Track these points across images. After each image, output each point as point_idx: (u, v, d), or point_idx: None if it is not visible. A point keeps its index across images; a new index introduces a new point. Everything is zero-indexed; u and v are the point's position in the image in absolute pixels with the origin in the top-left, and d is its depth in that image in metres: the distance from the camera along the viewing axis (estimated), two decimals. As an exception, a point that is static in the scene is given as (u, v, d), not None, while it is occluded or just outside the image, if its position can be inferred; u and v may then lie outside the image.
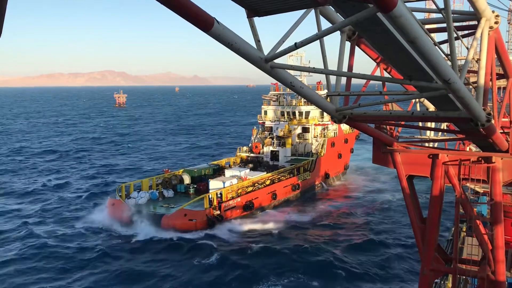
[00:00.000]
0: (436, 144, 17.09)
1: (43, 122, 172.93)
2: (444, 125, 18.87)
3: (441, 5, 7.43)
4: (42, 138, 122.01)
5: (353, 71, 10.34)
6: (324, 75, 8.81)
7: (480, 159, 12.92)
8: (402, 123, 12.96)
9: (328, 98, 9.72)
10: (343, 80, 9.72)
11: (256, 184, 50.66)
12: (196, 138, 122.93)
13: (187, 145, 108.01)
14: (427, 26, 9.76)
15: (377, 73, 12.02)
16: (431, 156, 13.41)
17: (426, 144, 15.48)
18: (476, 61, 9.79)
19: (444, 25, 8.71)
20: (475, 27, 9.59)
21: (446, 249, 23.22)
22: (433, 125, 15.90)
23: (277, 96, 72.95)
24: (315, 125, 67.26)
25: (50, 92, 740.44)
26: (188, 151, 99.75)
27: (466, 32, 11.51)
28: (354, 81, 10.19)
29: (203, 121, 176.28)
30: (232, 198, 46.16)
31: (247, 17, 6.82)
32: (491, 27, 9.46)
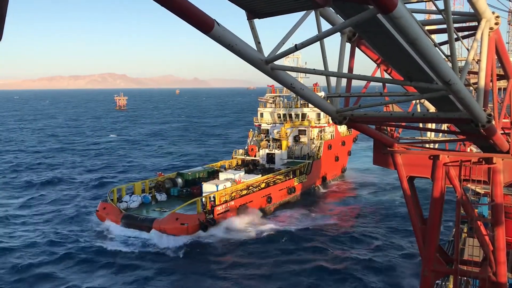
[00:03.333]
0: (436, 145, 17.10)
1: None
2: (444, 126, 18.86)
3: (441, 6, 7.43)
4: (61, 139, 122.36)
5: (354, 73, 10.34)
6: (323, 76, 8.81)
7: (481, 160, 12.91)
8: (403, 124, 12.95)
9: (329, 99, 9.73)
10: (344, 81, 9.71)
11: (250, 187, 49.72)
12: (197, 139, 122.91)
13: (186, 148, 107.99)
14: (427, 27, 9.75)
15: (378, 74, 12.02)
16: (431, 157, 13.40)
17: (427, 145, 15.49)
18: (477, 62, 9.79)
19: (444, 26, 8.70)
20: (475, 28, 9.59)
21: (447, 250, 23.18)
22: (433, 126, 15.90)
23: (273, 98, 72.65)
24: (312, 127, 66.68)
25: (60, 95, 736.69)
26: (188, 153, 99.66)
27: (466, 33, 11.50)
28: (354, 82, 10.19)
29: (204, 122, 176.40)
30: (226, 201, 45.17)
31: (247, 19, 6.82)
32: (491, 28, 9.46)
